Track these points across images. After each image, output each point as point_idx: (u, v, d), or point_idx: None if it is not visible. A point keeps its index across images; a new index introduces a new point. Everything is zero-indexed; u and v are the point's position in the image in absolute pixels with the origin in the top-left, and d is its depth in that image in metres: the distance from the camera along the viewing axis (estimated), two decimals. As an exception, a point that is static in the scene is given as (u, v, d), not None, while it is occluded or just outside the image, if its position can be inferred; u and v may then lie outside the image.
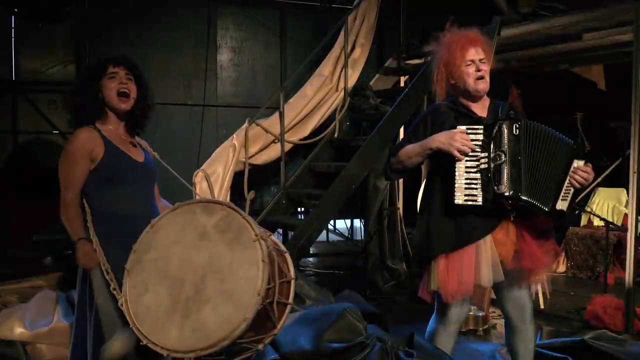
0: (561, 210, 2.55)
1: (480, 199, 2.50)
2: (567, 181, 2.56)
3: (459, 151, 2.50)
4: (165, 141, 5.97)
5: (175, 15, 6.08)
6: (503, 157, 2.49)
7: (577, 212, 2.61)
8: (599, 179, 6.79)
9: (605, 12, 4.43)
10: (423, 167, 6.16)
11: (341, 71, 6.14)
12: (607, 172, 6.79)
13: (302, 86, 6.10)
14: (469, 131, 2.54)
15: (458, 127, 2.54)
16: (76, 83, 2.44)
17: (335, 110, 6.07)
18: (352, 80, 6.17)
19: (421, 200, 5.64)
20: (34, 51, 5.84)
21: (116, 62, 2.38)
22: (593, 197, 6.56)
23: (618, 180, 6.61)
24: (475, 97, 2.69)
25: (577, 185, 2.56)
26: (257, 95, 6.38)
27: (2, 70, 5.77)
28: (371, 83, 6.40)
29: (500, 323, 4.49)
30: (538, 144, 2.54)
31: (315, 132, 6.04)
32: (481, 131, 2.53)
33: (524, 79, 7.08)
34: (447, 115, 2.68)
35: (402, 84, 6.59)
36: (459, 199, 2.51)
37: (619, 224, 5.98)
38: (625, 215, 6.08)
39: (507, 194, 2.47)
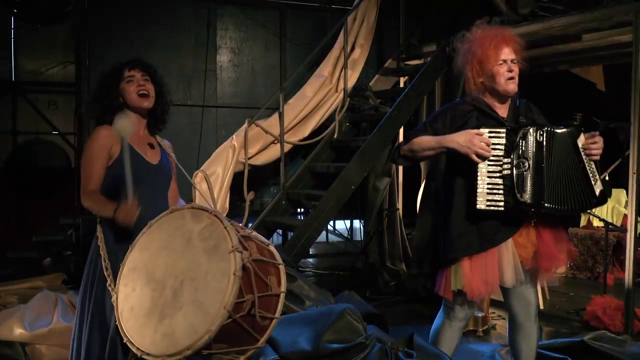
0: (602, 192, 2.56)
1: (502, 204, 2.50)
2: (587, 164, 2.56)
3: (477, 155, 2.49)
4: (164, 142, 5.98)
5: (175, 15, 6.09)
6: (527, 165, 2.49)
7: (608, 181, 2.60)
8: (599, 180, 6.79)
9: (605, 13, 4.43)
10: (423, 168, 6.18)
11: (341, 72, 6.14)
12: (607, 172, 6.79)
13: (302, 87, 6.11)
14: (491, 135, 2.52)
15: (481, 129, 2.52)
16: (95, 91, 2.47)
17: (335, 110, 6.08)
18: (351, 81, 6.17)
19: (421, 200, 5.65)
20: (33, 52, 5.84)
21: (131, 65, 2.44)
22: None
23: (617, 180, 6.61)
24: (503, 98, 2.68)
25: (595, 158, 2.57)
26: (256, 96, 6.38)
27: (2, 71, 5.78)
28: (371, 84, 6.40)
29: (500, 324, 4.49)
30: (557, 148, 2.54)
31: (314, 133, 6.04)
32: (504, 134, 2.52)
33: (523, 79, 7.09)
34: (470, 115, 2.66)
35: (401, 85, 6.59)
36: (482, 204, 2.50)
37: (619, 224, 5.98)
38: (625, 215, 6.08)
39: (529, 202, 2.48)
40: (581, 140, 2.58)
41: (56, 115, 6.37)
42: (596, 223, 6.18)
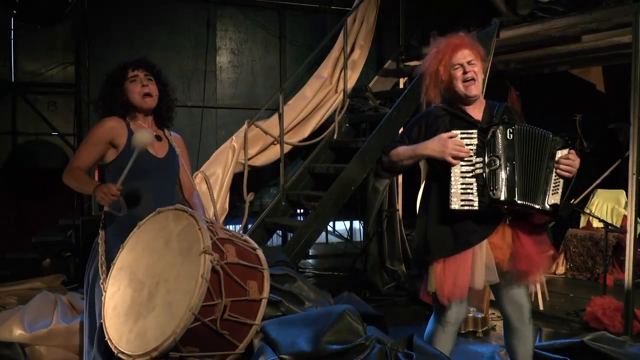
0: (554, 205, 2.56)
1: (476, 204, 2.51)
2: (554, 174, 2.57)
3: (453, 157, 2.51)
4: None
5: (175, 16, 6.09)
6: (498, 162, 2.50)
7: (572, 203, 2.64)
8: (599, 181, 6.80)
9: (604, 14, 4.43)
10: (422, 168, 6.17)
11: (340, 72, 6.15)
12: (607, 173, 6.80)
13: (302, 88, 6.11)
14: (463, 136, 2.54)
15: (452, 131, 2.55)
16: (101, 90, 2.50)
17: (335, 111, 6.08)
18: (351, 82, 6.17)
19: (420, 202, 5.65)
20: (33, 52, 5.85)
21: (135, 65, 2.48)
22: (592, 198, 6.57)
23: (617, 181, 6.61)
24: (468, 101, 2.70)
25: (565, 174, 2.57)
26: (256, 97, 6.38)
27: (2, 72, 5.78)
28: (370, 84, 6.40)
29: (500, 325, 4.49)
30: (530, 146, 2.55)
31: (314, 134, 6.04)
32: (475, 135, 2.54)
33: (523, 80, 7.09)
34: (442, 119, 2.68)
35: (401, 86, 6.59)
36: (455, 204, 2.52)
37: (618, 225, 5.97)
38: (625, 216, 6.08)
39: (502, 199, 2.48)
40: (561, 153, 2.58)
41: (56, 116, 6.37)
42: (596, 224, 6.18)
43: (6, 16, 5.52)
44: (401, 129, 5.89)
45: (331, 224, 7.95)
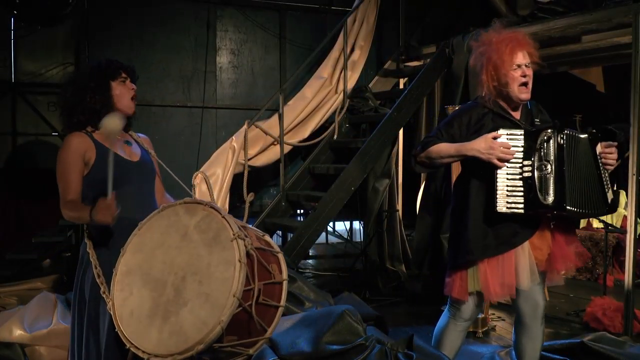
0: (613, 200, 2.60)
1: (522, 207, 2.50)
2: (602, 171, 2.59)
3: (500, 159, 2.49)
4: (164, 143, 5.98)
5: (175, 17, 6.09)
6: (549, 167, 2.50)
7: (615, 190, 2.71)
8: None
9: (604, 14, 4.43)
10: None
11: (340, 73, 6.15)
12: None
13: (302, 88, 6.11)
14: (509, 137, 2.52)
15: (499, 131, 2.53)
16: (83, 80, 2.33)
17: (335, 112, 6.08)
18: (351, 82, 6.18)
19: (421, 201, 5.66)
20: (33, 53, 5.84)
21: (127, 70, 2.42)
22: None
23: (617, 182, 6.61)
24: (515, 104, 2.67)
25: (610, 167, 2.60)
26: (256, 97, 6.38)
27: (2, 72, 5.77)
28: (370, 85, 6.41)
29: (500, 325, 4.49)
30: (577, 152, 2.56)
31: (314, 134, 6.04)
32: (522, 137, 2.53)
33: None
34: (486, 117, 2.66)
35: (401, 86, 6.60)
36: (502, 207, 2.50)
37: (618, 226, 5.97)
38: (625, 217, 6.08)
39: (553, 205, 2.49)
40: (599, 148, 2.60)
41: (56, 116, 6.31)
42: (596, 224, 6.18)
43: (6, 16, 5.51)
44: (400, 132, 5.90)
45: (331, 224, 7.95)
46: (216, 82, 6.28)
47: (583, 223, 6.52)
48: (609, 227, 4.99)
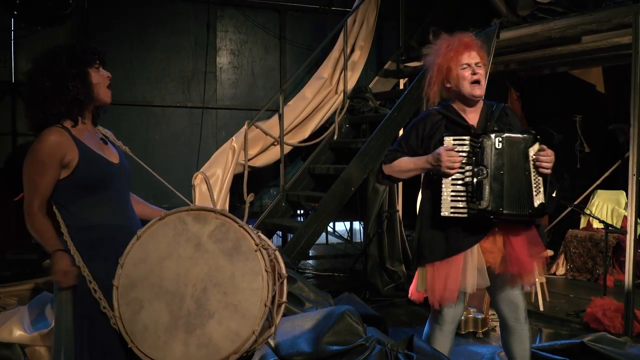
0: (541, 205, 2.57)
1: (465, 212, 2.54)
2: (532, 174, 2.57)
3: (448, 168, 2.54)
4: (164, 143, 5.98)
5: (175, 17, 6.09)
6: (485, 172, 2.53)
7: (554, 196, 2.65)
8: (599, 182, 6.81)
9: (604, 15, 4.43)
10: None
11: (340, 73, 6.15)
12: (607, 174, 6.80)
13: (302, 88, 6.11)
14: (455, 142, 2.56)
15: (445, 138, 2.57)
16: (61, 67, 2.07)
17: (335, 112, 6.08)
18: (351, 83, 6.18)
19: (421, 202, 5.67)
20: (33, 53, 5.83)
21: (100, 57, 2.20)
22: (592, 199, 6.57)
23: (617, 182, 6.61)
24: (470, 102, 2.71)
25: (545, 171, 2.58)
26: (256, 98, 6.38)
27: (2, 72, 5.77)
28: (370, 85, 6.41)
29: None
30: (515, 153, 2.56)
31: (314, 135, 6.04)
32: (468, 142, 2.55)
33: (523, 81, 7.09)
34: (439, 124, 2.71)
35: (401, 86, 6.60)
36: (445, 212, 2.56)
37: (618, 226, 5.97)
38: (625, 217, 6.08)
39: (489, 209, 2.51)
40: (533, 149, 2.59)
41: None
42: (596, 225, 6.18)
43: (6, 17, 5.51)
44: (401, 132, 5.90)
45: (331, 224, 7.96)
46: (216, 83, 6.28)
47: (583, 223, 6.53)
48: (609, 228, 4.99)
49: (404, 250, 6.04)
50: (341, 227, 8.44)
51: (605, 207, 6.41)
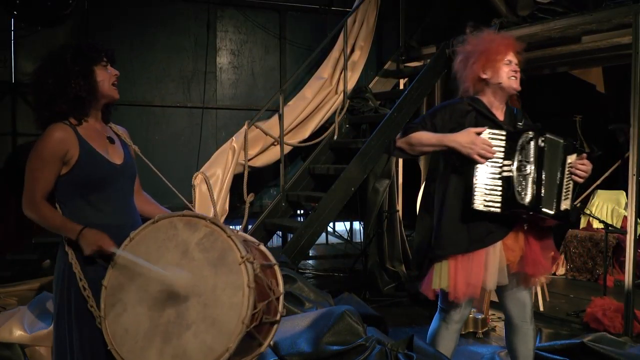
0: (565, 210, 2.58)
1: (499, 206, 2.51)
2: (565, 179, 2.58)
3: (480, 155, 2.50)
4: (164, 143, 5.98)
5: (175, 17, 6.09)
6: (528, 169, 2.51)
7: (578, 207, 2.72)
8: (599, 182, 6.80)
9: (604, 15, 4.43)
10: (422, 169, 6.18)
11: (340, 73, 6.15)
12: (607, 174, 6.80)
13: (302, 89, 6.11)
14: (491, 135, 2.54)
15: (482, 128, 2.54)
16: (65, 65, 2.11)
17: (335, 112, 6.08)
18: (351, 83, 6.18)
19: (421, 202, 5.66)
20: (33, 53, 5.83)
21: (108, 54, 2.24)
22: (592, 199, 6.57)
23: (617, 182, 6.61)
24: (502, 95, 2.70)
25: (579, 180, 2.60)
26: (256, 98, 6.38)
27: (2, 73, 5.77)
28: (370, 85, 6.41)
29: (500, 325, 4.49)
30: (554, 155, 2.57)
31: (314, 135, 6.04)
32: (503, 137, 2.54)
33: (522, 81, 7.09)
34: (469, 115, 2.67)
35: (401, 87, 6.60)
36: (479, 205, 2.51)
37: (618, 226, 5.97)
38: (625, 217, 6.08)
39: (529, 205, 2.50)
40: (571, 157, 2.61)
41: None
42: (596, 225, 6.18)
43: (6, 17, 5.51)
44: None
45: (331, 224, 7.95)
46: (216, 83, 6.28)
47: (583, 223, 6.53)
48: (609, 228, 4.99)
49: (404, 250, 6.05)
50: (341, 227, 8.45)
51: (605, 207, 6.41)
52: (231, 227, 2.00)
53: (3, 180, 5.98)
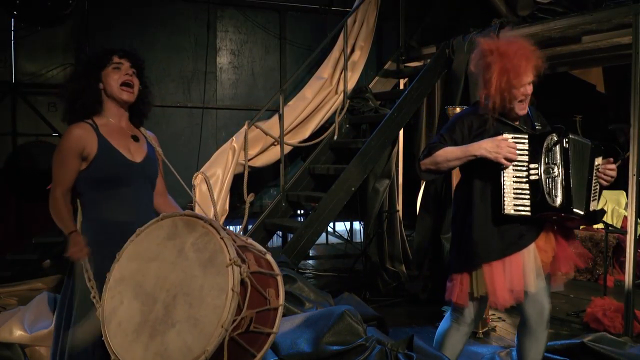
0: (594, 211, 2.60)
1: (529, 209, 2.51)
2: (594, 181, 2.60)
3: (506, 159, 2.51)
4: (164, 143, 5.91)
5: (175, 17, 6.09)
6: (556, 170, 2.52)
7: (601, 209, 2.72)
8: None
9: (604, 15, 4.43)
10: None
11: (340, 74, 6.15)
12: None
13: (302, 89, 6.11)
14: (515, 140, 2.54)
15: (504, 135, 2.54)
16: (75, 71, 2.33)
17: (335, 112, 6.08)
18: (351, 83, 6.18)
19: (421, 202, 5.65)
20: (33, 53, 5.84)
21: (122, 54, 2.30)
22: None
23: (617, 182, 6.60)
24: (512, 115, 2.67)
25: (605, 183, 2.62)
26: (256, 98, 6.39)
27: (2, 73, 5.78)
28: (370, 85, 6.41)
29: (500, 326, 4.49)
30: (580, 156, 2.58)
31: (314, 135, 6.04)
32: (527, 140, 2.55)
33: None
34: (488, 123, 2.65)
35: (401, 87, 6.60)
36: (509, 210, 2.52)
37: (619, 226, 5.98)
38: (625, 217, 6.08)
39: (560, 207, 2.50)
40: (598, 160, 2.61)
41: (56, 117, 6.35)
42: (596, 225, 6.18)
43: (6, 17, 5.51)
44: (401, 132, 5.90)
45: (331, 224, 7.95)
46: (216, 83, 6.28)
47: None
48: (609, 228, 4.99)
49: (404, 250, 6.04)
50: (341, 227, 8.44)
51: (605, 207, 6.41)
52: (230, 227, 1.99)
53: (3, 180, 5.98)
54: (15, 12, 4.98)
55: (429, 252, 5.42)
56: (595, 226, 6.23)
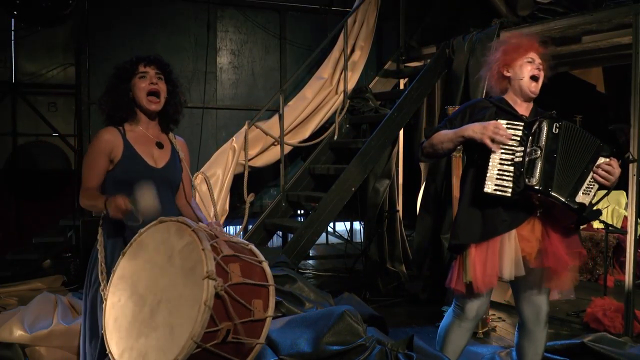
0: (581, 204, 2.57)
1: (509, 190, 2.53)
2: (590, 176, 2.58)
3: (492, 139, 2.53)
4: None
5: (175, 17, 6.09)
6: (539, 152, 2.54)
7: (598, 209, 2.69)
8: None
9: (604, 15, 4.43)
10: (423, 169, 6.17)
11: (341, 74, 6.15)
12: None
13: (302, 89, 6.12)
14: (508, 126, 2.57)
15: (499, 120, 2.58)
16: (108, 83, 2.42)
17: (335, 112, 6.08)
18: (351, 83, 6.18)
19: (421, 202, 5.65)
20: (33, 53, 5.85)
21: (147, 62, 2.40)
22: (592, 199, 6.57)
23: (617, 182, 6.60)
24: (524, 97, 2.73)
25: (601, 180, 2.58)
26: (256, 98, 6.39)
27: (2, 73, 5.78)
28: (370, 85, 6.41)
29: (500, 325, 4.49)
30: (574, 144, 2.58)
31: (314, 135, 6.04)
32: (521, 127, 2.58)
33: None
34: (489, 110, 2.71)
35: (401, 87, 6.60)
36: (489, 188, 2.54)
37: (619, 226, 5.97)
38: (625, 217, 6.08)
39: (537, 187, 2.51)
40: (601, 159, 2.61)
41: (56, 117, 6.37)
42: (596, 225, 6.17)
43: (6, 17, 5.51)
44: (401, 132, 5.90)
45: (331, 224, 7.96)
46: (216, 83, 6.28)
47: (583, 223, 6.52)
48: (609, 228, 4.99)
49: (404, 250, 6.04)
50: (341, 227, 8.45)
51: (605, 207, 6.41)
52: (230, 227, 2.01)
53: (3, 180, 5.99)
54: (15, 12, 4.99)
55: (429, 252, 5.42)
56: (595, 226, 6.23)
